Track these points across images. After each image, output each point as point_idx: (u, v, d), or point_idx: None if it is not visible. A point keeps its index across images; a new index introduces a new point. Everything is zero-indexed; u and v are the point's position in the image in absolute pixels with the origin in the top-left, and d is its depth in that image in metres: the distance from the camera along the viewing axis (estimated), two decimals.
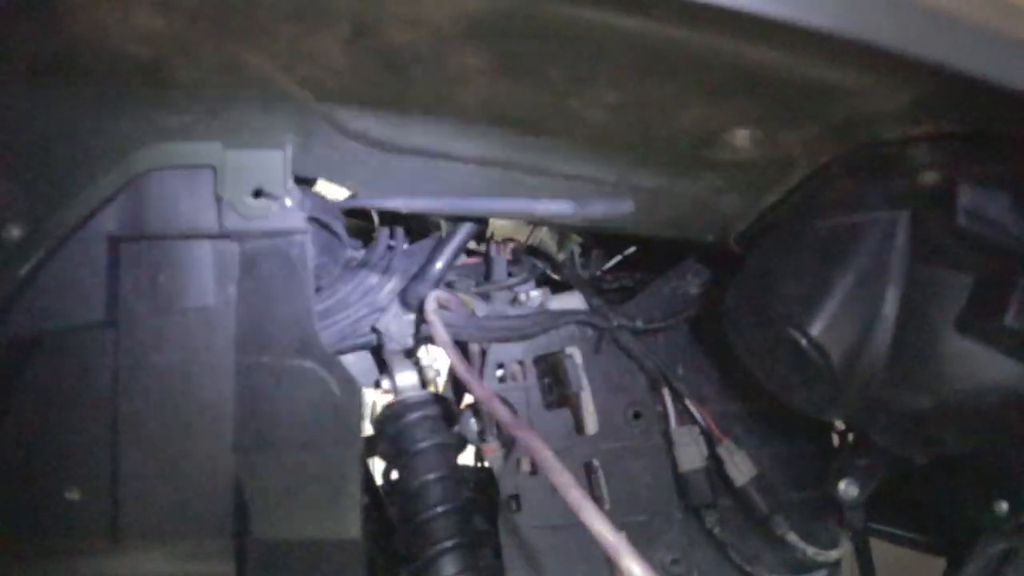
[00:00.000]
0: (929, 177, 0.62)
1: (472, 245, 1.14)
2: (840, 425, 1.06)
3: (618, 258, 1.15)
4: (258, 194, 0.71)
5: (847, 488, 0.94)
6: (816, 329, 0.73)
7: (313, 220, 0.78)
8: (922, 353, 0.70)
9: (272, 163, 0.71)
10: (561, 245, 1.23)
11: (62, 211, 0.70)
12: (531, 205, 0.71)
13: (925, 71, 0.45)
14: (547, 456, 0.64)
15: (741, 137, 0.67)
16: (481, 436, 0.95)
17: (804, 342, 0.73)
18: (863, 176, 0.67)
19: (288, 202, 0.71)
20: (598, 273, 1.16)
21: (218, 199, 0.72)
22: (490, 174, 0.71)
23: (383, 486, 0.99)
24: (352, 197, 0.79)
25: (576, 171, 0.71)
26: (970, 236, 0.62)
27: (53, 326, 0.74)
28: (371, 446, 0.98)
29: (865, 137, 0.63)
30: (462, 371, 0.73)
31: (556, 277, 1.12)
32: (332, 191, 0.92)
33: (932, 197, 0.63)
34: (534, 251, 1.14)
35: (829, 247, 0.74)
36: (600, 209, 0.70)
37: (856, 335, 0.72)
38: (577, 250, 1.15)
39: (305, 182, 0.82)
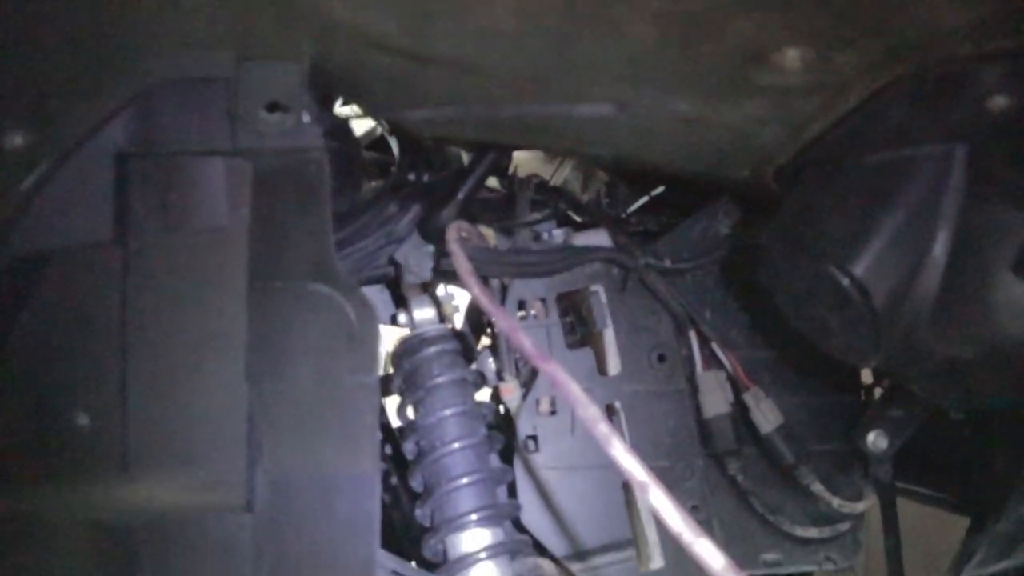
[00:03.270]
0: (998, 102, 0.57)
1: (495, 183, 1.10)
2: (868, 378, 1.03)
3: (645, 199, 1.11)
4: (273, 108, 0.68)
5: (876, 440, 0.91)
6: (859, 268, 0.69)
7: (331, 141, 0.74)
8: (973, 298, 0.66)
9: (289, 76, 0.67)
10: (586, 184, 1.19)
11: (68, 121, 0.66)
12: (569, 109, 0.66)
13: None
14: (573, 389, 0.61)
15: (791, 58, 0.62)
16: (499, 376, 0.93)
17: (846, 282, 0.69)
18: (922, 103, 0.62)
19: (305, 117, 0.68)
20: (623, 215, 1.12)
21: (231, 114, 0.68)
22: (519, 92, 0.67)
23: (399, 424, 0.97)
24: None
25: (611, 92, 0.66)
26: None
27: (59, 244, 0.71)
28: (386, 383, 0.96)
29: (929, 57, 0.58)
30: (485, 302, 0.69)
31: (578, 219, 1.09)
32: (351, 114, 0.88)
33: (998, 125, 0.59)
34: (558, 191, 1.10)
35: (877, 183, 0.69)
36: (646, 109, 0.65)
37: (902, 276, 0.68)
38: (603, 189, 1.11)
39: (323, 105, 0.78)
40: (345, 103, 0.84)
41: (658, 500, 0.58)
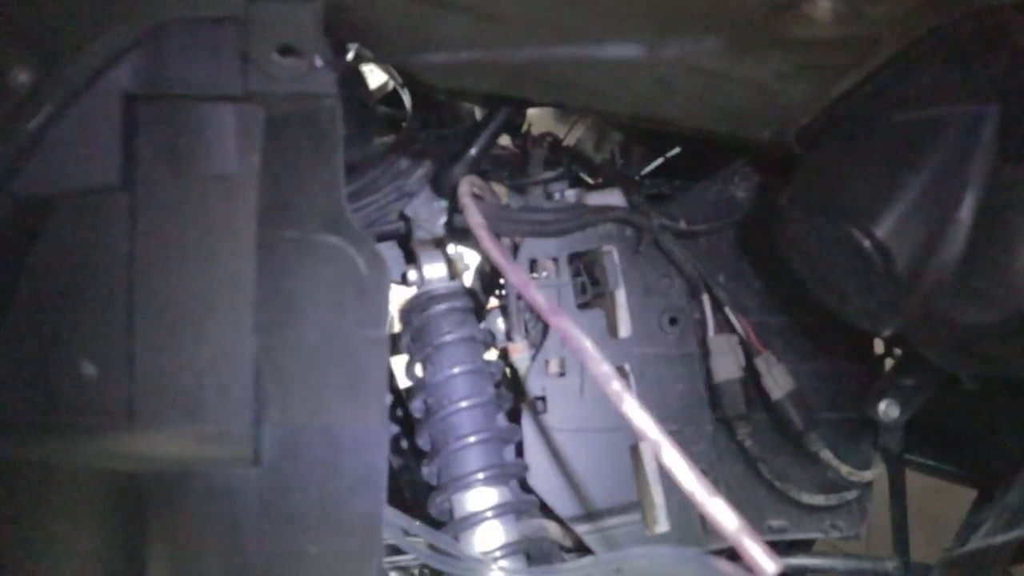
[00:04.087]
0: None
1: (507, 143, 1.08)
2: (880, 348, 1.02)
3: (660, 160, 1.09)
4: (286, 52, 0.66)
5: (888, 408, 0.91)
6: (882, 230, 0.67)
7: (343, 89, 0.72)
8: (998, 262, 0.65)
9: (302, 18, 0.65)
10: (599, 146, 1.17)
11: (74, 59, 0.64)
12: (595, 50, 0.64)
13: None
14: (586, 345, 0.60)
15: (823, 8, 0.60)
16: (508, 336, 0.91)
17: (867, 244, 0.68)
18: (956, 58, 0.60)
19: (318, 62, 0.66)
20: (636, 177, 1.10)
21: (243, 56, 0.66)
22: (542, 35, 0.65)
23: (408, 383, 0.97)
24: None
25: (634, 45, 0.64)
26: None
27: (66, 187, 0.69)
28: (395, 342, 0.95)
29: (966, 6, 0.55)
30: (496, 256, 0.68)
31: (591, 181, 1.07)
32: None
33: None
34: (571, 151, 1.08)
35: (904, 143, 0.68)
36: (678, 48, 0.63)
37: (926, 239, 0.67)
38: (617, 150, 1.10)
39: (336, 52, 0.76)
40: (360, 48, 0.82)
41: (671, 459, 0.57)
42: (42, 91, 0.65)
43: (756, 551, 0.50)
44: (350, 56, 0.78)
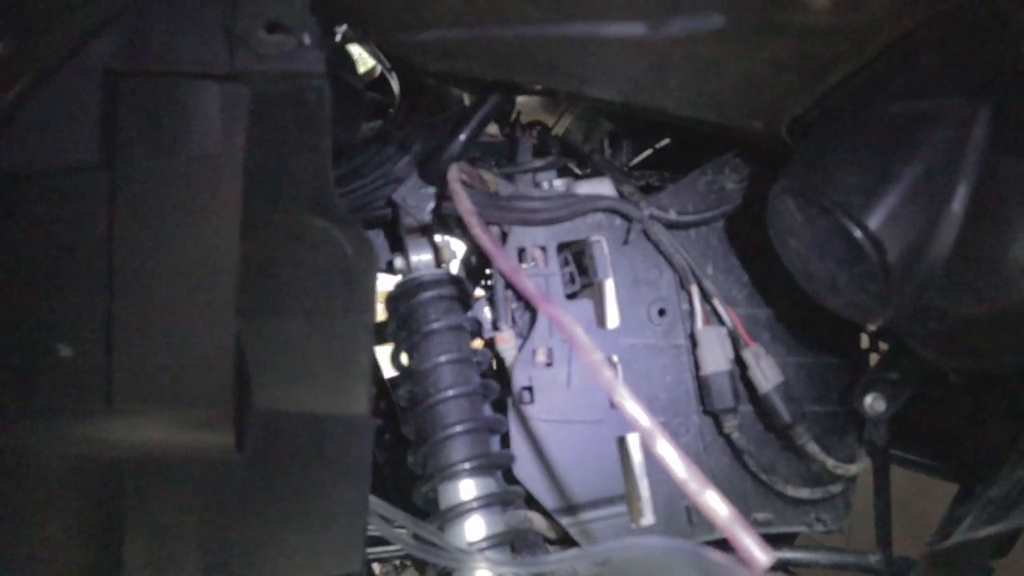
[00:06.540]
0: None
1: (496, 131, 1.07)
2: (865, 342, 1.02)
3: (649, 151, 1.08)
4: (273, 28, 0.64)
5: (874, 402, 0.91)
6: (875, 222, 0.67)
7: (330, 70, 0.70)
8: (989, 256, 0.65)
9: None
10: (588, 136, 1.16)
11: (53, 32, 0.62)
12: (594, 29, 0.63)
13: None
14: (578, 334, 0.59)
15: None
16: (494, 325, 0.90)
17: (859, 235, 0.67)
18: (951, 49, 0.60)
19: (307, 39, 0.64)
20: (625, 169, 1.10)
21: (229, 33, 0.65)
22: (538, 20, 0.64)
23: (394, 374, 0.95)
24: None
25: (637, 22, 0.63)
26: None
27: (44, 165, 0.67)
28: (380, 330, 0.94)
29: None
30: (486, 242, 0.67)
31: (579, 172, 1.06)
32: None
33: None
34: (560, 140, 1.07)
35: (898, 134, 0.67)
36: (681, 25, 0.62)
37: (918, 231, 0.66)
38: (606, 140, 1.09)
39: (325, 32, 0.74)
40: (350, 29, 0.80)
41: (664, 449, 0.56)
42: (20, 63, 0.63)
43: (750, 542, 0.50)
44: (338, 37, 0.76)
